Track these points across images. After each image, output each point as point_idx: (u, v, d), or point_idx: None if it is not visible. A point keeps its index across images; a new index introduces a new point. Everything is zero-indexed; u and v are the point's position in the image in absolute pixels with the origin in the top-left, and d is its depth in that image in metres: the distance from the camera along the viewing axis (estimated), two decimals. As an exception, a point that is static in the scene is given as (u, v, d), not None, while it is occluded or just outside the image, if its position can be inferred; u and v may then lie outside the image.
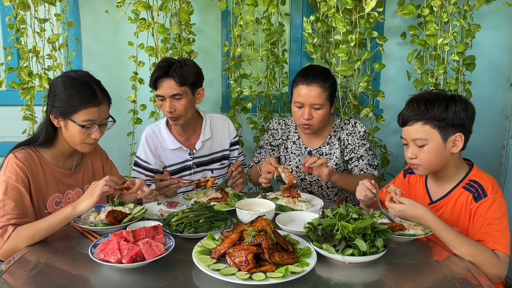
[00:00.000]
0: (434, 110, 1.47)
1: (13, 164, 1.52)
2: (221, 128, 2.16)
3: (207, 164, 2.13)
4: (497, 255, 1.37)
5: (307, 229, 1.35)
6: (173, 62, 1.89)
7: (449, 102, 1.48)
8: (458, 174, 1.58)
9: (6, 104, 2.66)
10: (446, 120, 1.47)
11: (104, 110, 1.61)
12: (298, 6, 2.71)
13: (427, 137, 1.49)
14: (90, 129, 1.59)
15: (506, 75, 2.75)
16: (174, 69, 1.87)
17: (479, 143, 2.77)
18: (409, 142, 1.54)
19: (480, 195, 1.49)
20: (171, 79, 1.88)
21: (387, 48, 2.58)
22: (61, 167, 1.67)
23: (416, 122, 1.50)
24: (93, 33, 2.65)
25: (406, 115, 1.53)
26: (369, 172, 2.03)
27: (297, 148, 2.16)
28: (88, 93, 1.56)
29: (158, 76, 1.89)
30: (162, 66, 1.88)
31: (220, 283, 1.12)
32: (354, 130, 2.08)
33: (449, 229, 1.38)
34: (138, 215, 1.54)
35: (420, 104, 1.49)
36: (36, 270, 1.22)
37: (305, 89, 1.94)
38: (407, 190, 1.76)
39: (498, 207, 1.45)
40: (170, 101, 1.90)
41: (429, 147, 1.49)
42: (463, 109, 1.48)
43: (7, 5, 2.23)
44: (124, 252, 1.19)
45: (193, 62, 2.00)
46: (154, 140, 2.05)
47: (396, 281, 1.20)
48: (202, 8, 2.63)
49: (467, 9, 2.31)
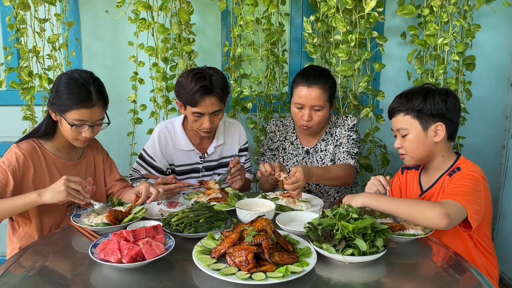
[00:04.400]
0: (414, 101, 1.59)
1: (13, 154, 1.61)
2: (233, 134, 2.15)
3: (215, 168, 2.13)
4: (441, 202, 1.40)
5: (307, 229, 1.35)
6: (210, 77, 1.82)
7: (428, 94, 1.59)
8: (445, 164, 1.64)
9: (6, 104, 2.66)
10: (424, 110, 1.58)
11: (97, 112, 1.64)
12: (298, 6, 2.71)
13: (408, 127, 1.60)
14: (80, 128, 1.63)
15: (506, 75, 2.75)
16: (215, 85, 1.81)
17: (479, 143, 2.77)
18: (396, 133, 1.66)
19: (454, 171, 1.57)
20: (213, 96, 1.82)
21: (387, 48, 2.58)
22: (63, 158, 1.74)
23: (399, 113, 1.63)
24: (93, 33, 2.65)
25: (391, 107, 1.67)
26: (346, 161, 2.00)
27: (295, 148, 2.17)
28: (82, 94, 1.59)
29: (201, 94, 1.80)
30: (204, 85, 1.80)
31: (220, 283, 1.12)
32: (344, 123, 2.09)
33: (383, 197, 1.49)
34: (138, 215, 1.54)
35: (403, 96, 1.63)
36: (36, 270, 1.22)
37: (305, 90, 1.94)
38: (404, 185, 1.82)
39: (467, 176, 1.51)
40: (210, 117, 1.86)
41: (411, 136, 1.61)
42: (442, 100, 1.58)
43: (7, 5, 2.23)
44: (124, 252, 1.19)
45: (221, 71, 1.93)
46: (167, 138, 2.03)
47: (396, 281, 1.20)
48: (202, 8, 2.63)
49: (467, 9, 2.31)
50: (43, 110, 2.44)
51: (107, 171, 1.89)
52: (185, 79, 1.85)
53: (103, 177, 1.88)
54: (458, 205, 1.38)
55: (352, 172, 1.98)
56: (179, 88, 1.88)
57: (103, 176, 1.88)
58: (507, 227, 2.71)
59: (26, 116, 2.40)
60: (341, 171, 1.93)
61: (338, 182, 1.95)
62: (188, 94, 1.83)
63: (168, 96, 2.49)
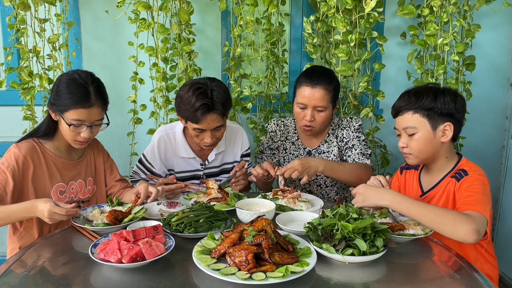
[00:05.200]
0: (423, 99, 1.54)
1: (12, 154, 1.61)
2: (235, 140, 2.12)
3: (217, 175, 2.11)
4: (468, 214, 1.35)
5: (307, 229, 1.35)
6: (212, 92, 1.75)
7: (438, 93, 1.55)
8: (448, 165, 1.62)
9: (7, 104, 2.66)
10: (434, 109, 1.53)
11: (95, 112, 1.63)
12: (298, 6, 2.71)
13: (417, 125, 1.56)
14: (78, 128, 1.63)
15: (506, 75, 2.75)
16: (216, 101, 1.75)
17: (479, 143, 2.77)
18: (401, 132, 1.61)
19: (462, 176, 1.55)
20: (215, 113, 1.76)
21: (387, 48, 2.58)
22: (64, 158, 1.74)
23: (407, 112, 1.57)
24: (93, 33, 2.66)
25: (397, 105, 1.61)
26: (362, 161, 2.00)
27: (296, 149, 2.16)
28: (80, 94, 1.59)
29: (203, 112, 1.74)
30: (205, 103, 1.73)
31: (220, 283, 1.12)
32: (349, 125, 2.09)
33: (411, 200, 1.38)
34: (138, 215, 1.54)
35: (411, 95, 1.58)
36: (36, 270, 1.22)
37: (308, 90, 1.93)
38: (403, 185, 1.81)
39: (477, 181, 1.49)
40: (212, 132, 1.82)
41: (419, 135, 1.56)
42: (452, 100, 1.55)
43: (7, 5, 2.23)
44: (124, 252, 1.19)
45: (223, 83, 1.86)
46: (167, 144, 2.00)
47: (396, 281, 1.20)
48: (202, 8, 2.63)
49: (467, 9, 2.31)
50: (43, 110, 2.44)
51: (107, 171, 1.89)
52: (186, 94, 1.77)
53: (103, 177, 1.88)
54: (482, 217, 1.35)
55: (369, 171, 1.98)
56: (179, 103, 1.81)
57: (103, 176, 1.88)
58: (507, 227, 2.71)
59: (27, 116, 2.40)
60: (356, 168, 1.94)
61: (354, 177, 1.91)
62: (189, 111, 1.76)
63: (168, 96, 2.49)
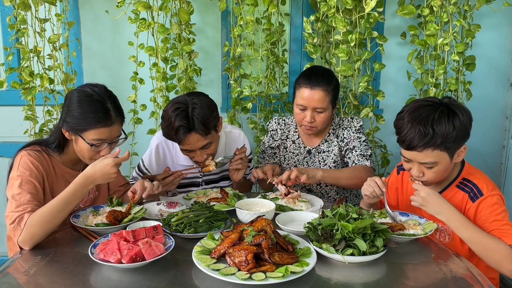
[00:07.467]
0: (444, 133, 1.40)
1: (26, 161, 1.53)
2: (235, 147, 2.03)
3: (216, 182, 2.09)
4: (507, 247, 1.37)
5: (307, 229, 1.35)
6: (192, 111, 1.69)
7: (454, 118, 1.42)
8: (452, 172, 1.58)
9: (7, 104, 2.67)
10: (455, 140, 1.43)
11: (115, 129, 1.59)
12: (298, 6, 2.71)
13: (437, 160, 1.45)
14: (99, 147, 1.57)
15: (506, 75, 2.75)
16: (195, 121, 1.68)
17: (479, 143, 2.77)
18: (415, 163, 1.50)
19: (476, 195, 1.50)
20: (195, 134, 1.70)
21: (387, 48, 2.58)
22: (69, 167, 1.68)
23: (426, 149, 1.43)
24: (93, 33, 2.66)
25: (412, 141, 1.43)
26: (361, 163, 1.98)
27: (296, 148, 2.16)
28: (102, 113, 1.53)
29: (182, 133, 1.68)
30: (183, 125, 1.67)
31: (220, 283, 1.12)
32: (350, 125, 2.08)
33: (466, 223, 1.40)
34: (138, 215, 1.54)
35: (427, 128, 1.41)
36: (36, 270, 1.22)
37: (308, 92, 1.92)
38: (401, 186, 1.77)
39: (497, 203, 1.47)
40: (200, 151, 1.77)
41: (439, 167, 1.47)
42: (468, 119, 1.46)
43: (8, 5, 2.24)
44: (124, 252, 1.20)
45: (207, 98, 1.79)
46: (165, 151, 1.98)
47: (396, 281, 1.20)
48: (202, 8, 2.63)
49: (467, 9, 2.31)
50: (44, 110, 2.44)
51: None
52: (166, 114, 1.72)
53: (106, 184, 1.83)
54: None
55: (369, 172, 1.96)
56: (162, 123, 1.77)
57: (106, 183, 1.83)
58: (507, 227, 2.71)
59: (28, 116, 2.40)
60: (356, 171, 1.93)
61: (354, 180, 1.91)
62: (171, 133, 1.71)
63: (168, 96, 2.49)
